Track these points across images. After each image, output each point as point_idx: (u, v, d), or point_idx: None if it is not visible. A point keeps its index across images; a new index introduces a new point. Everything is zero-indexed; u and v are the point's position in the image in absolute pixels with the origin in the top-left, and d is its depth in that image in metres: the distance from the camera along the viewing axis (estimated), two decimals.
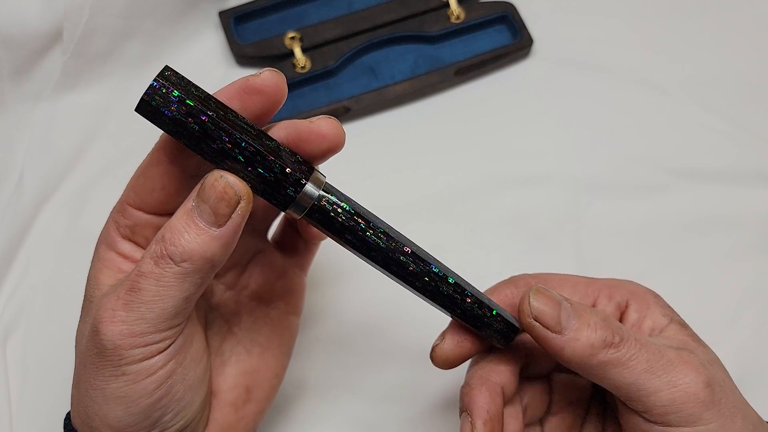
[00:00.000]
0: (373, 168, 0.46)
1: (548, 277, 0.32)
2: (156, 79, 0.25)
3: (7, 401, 0.40)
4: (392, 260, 0.28)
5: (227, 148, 0.25)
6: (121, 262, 0.29)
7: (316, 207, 0.27)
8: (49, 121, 0.46)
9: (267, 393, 0.34)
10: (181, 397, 0.28)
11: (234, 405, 0.33)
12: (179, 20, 0.48)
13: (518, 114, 0.48)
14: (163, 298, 0.26)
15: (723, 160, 0.46)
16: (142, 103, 0.25)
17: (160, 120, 0.25)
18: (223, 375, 0.33)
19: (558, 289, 0.31)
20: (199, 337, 0.31)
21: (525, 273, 0.33)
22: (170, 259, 0.25)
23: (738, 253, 0.44)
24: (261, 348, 0.34)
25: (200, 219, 0.25)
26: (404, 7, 0.49)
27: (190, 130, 0.25)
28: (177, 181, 0.28)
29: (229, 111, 0.26)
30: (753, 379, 0.41)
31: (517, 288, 0.32)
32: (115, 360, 0.26)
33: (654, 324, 0.31)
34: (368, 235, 0.28)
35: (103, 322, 0.26)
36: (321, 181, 0.27)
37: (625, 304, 0.32)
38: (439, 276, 0.29)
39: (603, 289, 0.32)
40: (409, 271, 0.28)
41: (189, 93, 0.25)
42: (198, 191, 0.26)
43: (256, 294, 0.34)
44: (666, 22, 0.50)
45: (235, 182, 0.26)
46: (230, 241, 0.26)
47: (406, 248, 0.28)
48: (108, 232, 0.29)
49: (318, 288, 0.42)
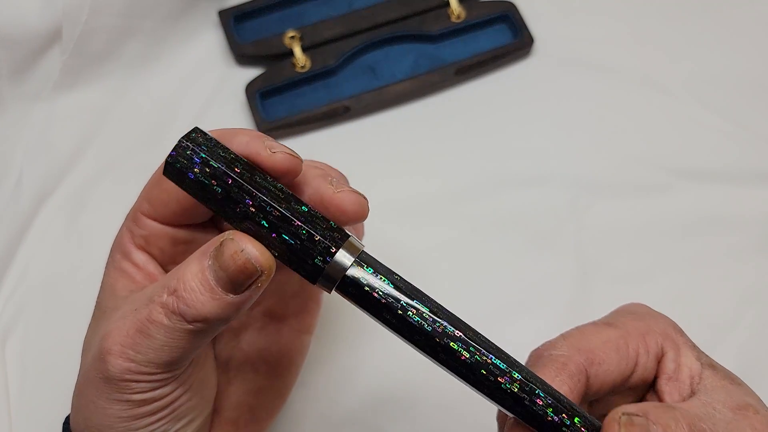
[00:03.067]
0: (372, 168, 0.46)
1: (588, 344, 0.28)
2: (181, 139, 0.24)
3: (7, 401, 0.40)
4: (440, 346, 0.24)
5: (251, 212, 0.24)
6: (136, 273, 0.28)
7: (348, 280, 0.24)
8: (48, 120, 0.46)
9: (270, 413, 0.34)
10: (184, 415, 0.28)
11: (235, 424, 0.32)
12: (179, 19, 0.48)
13: (519, 114, 0.48)
14: (172, 349, 0.25)
15: (724, 160, 0.46)
16: (167, 165, 0.24)
17: (183, 182, 0.24)
18: (227, 392, 0.32)
19: (605, 362, 0.28)
20: (210, 361, 0.30)
21: (558, 343, 0.28)
22: (182, 316, 0.24)
23: (738, 253, 0.44)
24: (269, 366, 0.33)
25: (216, 283, 0.24)
26: (405, 6, 0.49)
27: (214, 193, 0.24)
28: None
29: (256, 173, 0.24)
30: (753, 380, 0.40)
31: (572, 379, 0.27)
32: (122, 388, 0.26)
33: (691, 371, 0.29)
34: (409, 315, 0.24)
35: (111, 354, 0.25)
36: (357, 250, 0.24)
37: (660, 351, 0.29)
38: (501, 369, 0.24)
39: (639, 341, 0.29)
40: (461, 360, 0.24)
41: (214, 153, 0.24)
42: (216, 253, 0.24)
43: (269, 310, 0.33)
44: (667, 21, 0.50)
45: (257, 257, 0.24)
46: (246, 305, 0.25)
47: (458, 332, 0.24)
48: (122, 240, 0.28)
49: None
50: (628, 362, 0.28)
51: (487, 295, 0.43)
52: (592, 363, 0.27)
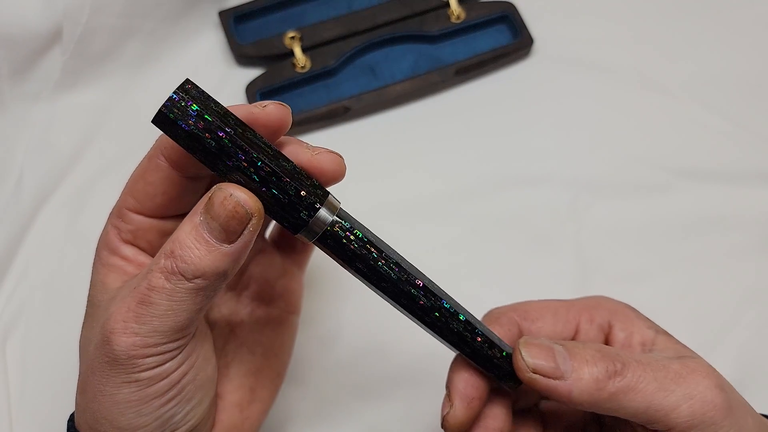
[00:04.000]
0: (372, 168, 0.46)
1: (527, 306, 0.32)
2: (176, 91, 0.24)
3: (7, 401, 0.40)
4: (402, 293, 0.27)
5: (243, 166, 0.25)
6: (126, 266, 0.28)
7: (328, 233, 0.26)
8: (49, 120, 0.46)
9: (270, 392, 0.34)
10: (192, 396, 0.28)
11: (239, 406, 0.33)
12: (179, 20, 0.48)
13: (518, 114, 0.48)
14: (176, 312, 0.25)
15: (723, 160, 0.46)
16: (159, 114, 0.24)
17: (176, 133, 0.25)
18: (227, 376, 0.33)
19: (539, 320, 0.31)
20: (209, 337, 0.31)
21: (501, 306, 0.32)
22: (182, 275, 0.25)
23: (738, 253, 0.44)
24: (263, 348, 0.34)
25: (210, 235, 0.25)
26: (404, 6, 0.49)
27: (207, 146, 0.24)
28: (178, 185, 0.27)
29: (247, 129, 0.25)
30: (753, 380, 0.41)
31: (502, 327, 0.31)
32: (128, 368, 0.26)
33: (643, 338, 0.30)
34: (380, 265, 0.27)
35: (115, 333, 0.26)
36: (335, 207, 0.26)
37: (607, 324, 0.31)
38: (450, 312, 0.28)
39: (582, 311, 0.31)
40: (419, 305, 0.28)
41: (208, 108, 0.24)
42: (206, 206, 0.25)
43: (257, 294, 0.34)
44: (666, 21, 0.50)
45: (246, 200, 0.25)
46: (242, 255, 0.26)
47: (418, 281, 0.28)
48: (108, 237, 0.29)
49: (315, 286, 0.42)
50: (566, 325, 0.31)
51: (486, 295, 0.43)
52: (525, 318, 0.31)
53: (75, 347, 0.30)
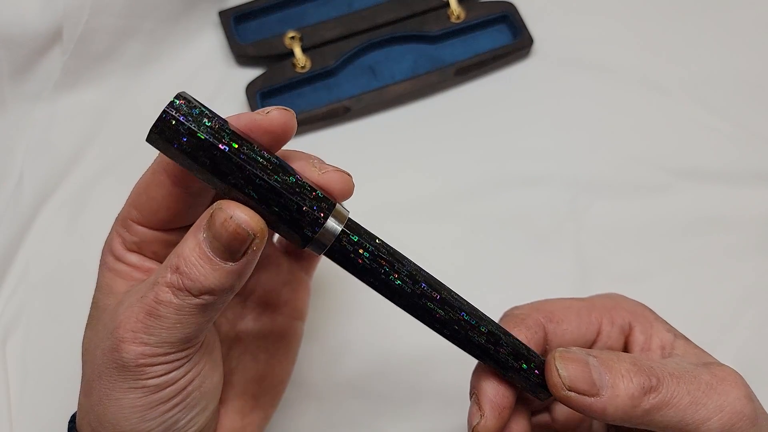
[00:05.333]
0: (372, 168, 0.46)
1: (550, 306, 0.30)
2: (166, 109, 0.23)
3: (7, 401, 0.40)
4: (417, 306, 0.26)
5: (240, 184, 0.24)
6: (132, 272, 0.28)
7: (336, 247, 0.26)
8: (49, 121, 0.46)
9: (273, 399, 0.34)
10: (197, 403, 0.28)
11: (241, 412, 0.33)
12: (179, 20, 0.48)
13: (518, 114, 0.48)
14: (184, 325, 0.25)
15: (723, 160, 0.46)
16: (150, 134, 0.23)
17: (170, 152, 0.24)
18: (231, 382, 0.33)
19: (564, 322, 0.30)
20: (218, 345, 0.31)
21: (523, 305, 0.31)
22: (188, 291, 0.25)
23: (738, 253, 0.44)
24: (267, 354, 0.34)
25: (214, 254, 0.25)
26: (404, 6, 0.49)
27: (202, 165, 0.24)
28: (182, 201, 0.27)
29: (244, 143, 0.24)
30: (753, 380, 0.40)
31: (529, 330, 0.29)
32: (137, 375, 0.26)
33: (662, 342, 0.30)
34: (391, 279, 0.26)
35: (124, 342, 0.26)
36: (343, 217, 0.26)
37: (628, 326, 0.30)
38: (471, 324, 0.27)
39: (604, 313, 0.30)
40: (436, 318, 0.27)
41: (201, 124, 0.23)
42: (208, 224, 0.25)
43: (262, 300, 0.34)
44: (666, 21, 0.50)
45: (247, 221, 0.24)
46: (247, 271, 0.25)
47: (434, 293, 0.26)
48: (114, 244, 0.28)
49: (325, 295, 0.42)
50: (589, 327, 0.30)
51: (486, 295, 0.43)
52: (551, 320, 0.30)
53: (75, 347, 0.30)
